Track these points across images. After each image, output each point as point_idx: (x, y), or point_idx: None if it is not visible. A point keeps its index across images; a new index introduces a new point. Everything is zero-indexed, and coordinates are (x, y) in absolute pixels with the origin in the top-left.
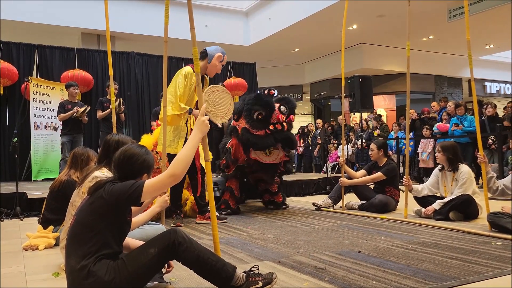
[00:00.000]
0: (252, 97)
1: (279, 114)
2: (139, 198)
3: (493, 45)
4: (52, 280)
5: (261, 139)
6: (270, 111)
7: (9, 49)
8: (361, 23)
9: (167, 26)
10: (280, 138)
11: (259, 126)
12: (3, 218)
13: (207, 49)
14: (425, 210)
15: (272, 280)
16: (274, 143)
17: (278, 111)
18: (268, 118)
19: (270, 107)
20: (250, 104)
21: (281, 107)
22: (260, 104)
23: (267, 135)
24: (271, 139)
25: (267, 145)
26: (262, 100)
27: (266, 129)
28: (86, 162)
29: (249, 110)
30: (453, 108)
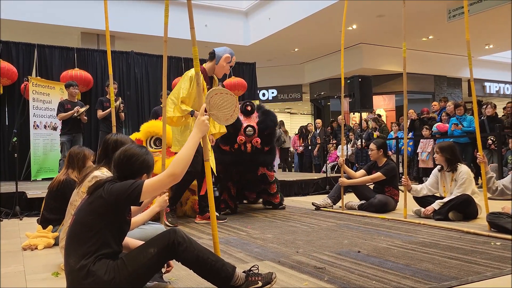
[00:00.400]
0: None
1: (243, 136)
2: (139, 197)
3: (493, 45)
4: (52, 280)
5: (222, 155)
6: (236, 131)
7: (8, 49)
8: (361, 23)
9: (166, 26)
10: (239, 159)
11: (225, 142)
12: (3, 218)
13: (215, 50)
14: (425, 210)
15: (271, 280)
16: (231, 162)
17: (243, 132)
18: (234, 136)
19: (236, 128)
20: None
21: (247, 128)
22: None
23: (229, 152)
24: (230, 158)
25: (224, 162)
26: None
27: (231, 147)
28: (82, 161)
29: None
30: (453, 108)
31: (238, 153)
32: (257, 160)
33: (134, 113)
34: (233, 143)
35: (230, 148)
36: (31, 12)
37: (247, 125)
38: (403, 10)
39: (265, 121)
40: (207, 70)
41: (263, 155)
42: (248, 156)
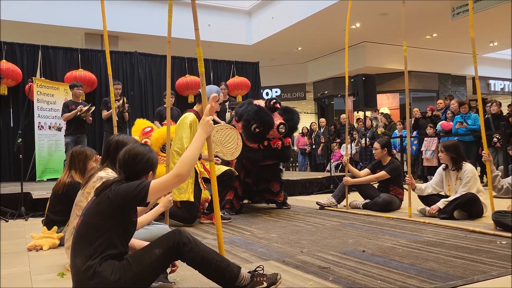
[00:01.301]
0: (253, 110)
1: (277, 133)
2: (145, 198)
3: (497, 42)
4: (57, 281)
5: (251, 153)
6: (268, 128)
7: (13, 50)
8: (364, 22)
9: (170, 26)
10: (271, 156)
11: (253, 139)
12: (8, 218)
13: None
14: (430, 209)
15: (276, 281)
16: (262, 159)
17: (276, 130)
18: (265, 133)
19: (269, 126)
20: (250, 116)
21: (280, 125)
22: (259, 120)
23: (259, 149)
24: (261, 155)
25: (255, 160)
26: (262, 117)
27: (260, 144)
28: (83, 161)
29: (248, 121)
30: (457, 107)
31: (269, 150)
32: (284, 155)
33: (138, 113)
34: (262, 140)
35: (259, 146)
36: (35, 13)
37: (280, 122)
38: (403, 10)
39: (293, 119)
40: (199, 112)
41: (287, 151)
42: (278, 153)
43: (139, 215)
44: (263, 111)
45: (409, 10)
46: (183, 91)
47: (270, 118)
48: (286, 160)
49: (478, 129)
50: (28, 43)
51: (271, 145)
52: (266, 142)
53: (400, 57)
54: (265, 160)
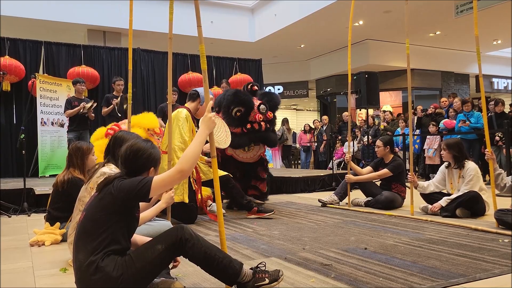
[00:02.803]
0: (231, 93)
1: (258, 113)
2: (148, 194)
3: (501, 40)
4: (60, 276)
5: (235, 138)
6: (248, 109)
7: (16, 46)
8: (367, 19)
9: (171, 23)
10: (256, 138)
11: (236, 124)
12: (11, 214)
13: (199, 92)
14: (432, 207)
15: (278, 277)
16: (248, 143)
17: (256, 109)
18: (246, 116)
19: (249, 105)
20: (228, 101)
21: (260, 105)
22: (238, 101)
23: (243, 133)
24: (245, 138)
25: (240, 145)
26: (241, 97)
27: (243, 127)
28: (81, 157)
29: (228, 107)
30: (460, 105)
31: (253, 132)
32: (270, 138)
33: (140, 110)
34: (245, 124)
35: (242, 129)
36: (38, 9)
37: (259, 103)
38: (406, 8)
39: (273, 99)
40: (191, 110)
41: (273, 134)
42: (263, 134)
43: (142, 211)
44: (241, 92)
45: (412, 8)
46: (186, 87)
47: (249, 98)
48: (272, 143)
49: (481, 127)
50: (31, 39)
51: (254, 127)
52: (249, 125)
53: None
54: (251, 142)
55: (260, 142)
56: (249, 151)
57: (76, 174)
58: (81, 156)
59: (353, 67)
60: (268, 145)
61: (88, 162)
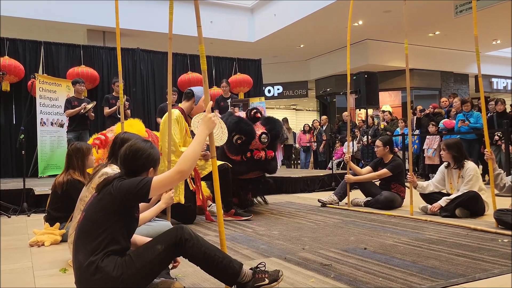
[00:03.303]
0: (233, 121)
1: (259, 143)
2: (147, 194)
3: (500, 40)
4: (60, 276)
5: (235, 166)
6: (250, 139)
7: (15, 46)
8: (367, 19)
9: (171, 23)
10: (255, 167)
11: (236, 151)
12: (11, 214)
13: (193, 90)
14: (431, 206)
15: (278, 278)
16: (246, 171)
17: (258, 140)
18: (247, 144)
19: (250, 135)
20: (230, 128)
21: (262, 135)
22: (240, 130)
23: (242, 161)
24: (244, 167)
25: (239, 173)
26: (242, 127)
27: (243, 155)
28: (81, 158)
29: (229, 133)
30: (459, 105)
31: (252, 162)
32: (268, 167)
33: (140, 110)
34: (245, 152)
35: (241, 157)
36: (38, 9)
37: (261, 132)
38: (405, 8)
39: (275, 128)
40: (185, 109)
41: (273, 162)
42: (262, 164)
43: (142, 211)
44: (244, 122)
45: (412, 8)
46: (185, 87)
47: (251, 128)
48: (271, 171)
49: (481, 127)
50: (30, 39)
51: (254, 156)
52: (249, 153)
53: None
54: (249, 172)
55: (259, 171)
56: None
57: (75, 176)
58: (81, 157)
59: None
60: (268, 173)
61: (88, 163)
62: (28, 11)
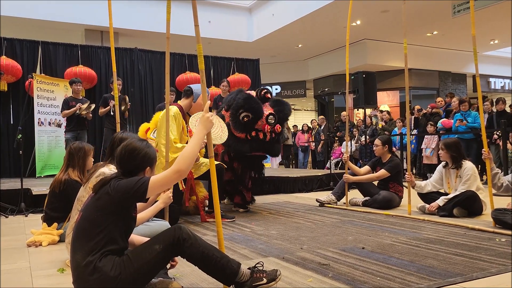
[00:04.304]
0: (242, 97)
1: (265, 124)
2: (145, 194)
3: (498, 40)
4: (57, 276)
5: (238, 143)
6: (257, 117)
7: (12, 46)
8: (365, 19)
9: (169, 23)
10: (259, 147)
11: (241, 129)
12: (8, 214)
13: (192, 88)
14: (429, 206)
15: (276, 277)
16: (249, 151)
17: (264, 120)
18: (253, 123)
19: (258, 113)
20: (238, 104)
21: (269, 116)
22: (248, 108)
23: (246, 140)
24: (247, 146)
25: (241, 151)
26: (252, 104)
27: (248, 134)
28: (83, 157)
29: (236, 109)
30: (457, 104)
31: (257, 141)
32: (273, 149)
33: (138, 109)
34: (250, 130)
35: (246, 136)
36: (35, 9)
37: (269, 113)
38: (403, 7)
39: (284, 110)
40: (184, 107)
41: (277, 145)
42: (266, 145)
43: (140, 211)
44: (253, 99)
45: (410, 8)
46: (183, 87)
47: (259, 107)
48: (274, 154)
49: (478, 127)
50: (28, 39)
51: (259, 136)
52: (254, 132)
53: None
54: (252, 152)
55: (262, 152)
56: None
57: (74, 176)
58: (83, 157)
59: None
60: (271, 156)
61: (88, 163)
62: (25, 10)
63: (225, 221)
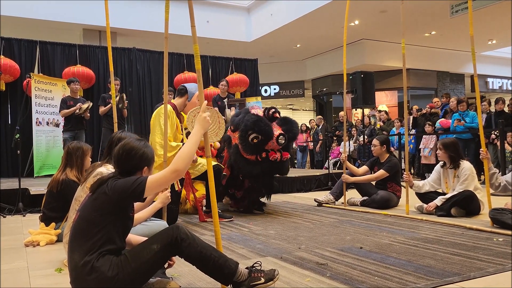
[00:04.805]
0: (252, 120)
1: (276, 144)
2: (142, 193)
3: (496, 40)
4: (55, 276)
5: (248, 165)
6: (267, 139)
7: (10, 45)
8: (363, 19)
9: (167, 22)
10: (269, 168)
11: (251, 150)
12: (6, 214)
13: (187, 87)
14: (427, 206)
15: (274, 277)
16: (260, 172)
17: (275, 141)
18: (263, 144)
19: (268, 136)
20: (248, 126)
21: (279, 136)
22: (259, 130)
23: (256, 162)
24: (258, 168)
25: (251, 174)
26: (261, 127)
27: (258, 155)
28: (81, 157)
29: (246, 131)
30: (455, 104)
31: (267, 162)
32: (283, 168)
33: (136, 109)
34: (260, 152)
35: (256, 157)
36: (33, 8)
37: (279, 133)
38: (401, 8)
39: (292, 130)
40: (178, 106)
41: (286, 164)
42: (277, 165)
43: (137, 211)
44: (262, 121)
45: (408, 8)
46: None
47: (269, 129)
48: (285, 173)
49: (476, 127)
50: (26, 38)
51: (269, 157)
52: (264, 154)
53: (398, 54)
54: (263, 173)
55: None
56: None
57: (71, 176)
58: (81, 156)
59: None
60: (281, 175)
61: (86, 163)
62: (23, 10)
63: (223, 221)
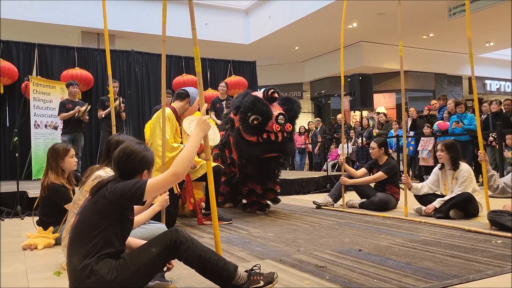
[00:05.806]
0: (249, 100)
1: (275, 124)
2: (142, 197)
3: (493, 42)
4: (54, 279)
5: (250, 147)
6: (266, 119)
7: (9, 48)
8: (361, 21)
9: (165, 25)
10: (271, 149)
11: (252, 132)
12: (4, 217)
13: (188, 91)
14: (426, 208)
15: (273, 280)
16: (262, 153)
17: (274, 120)
18: (263, 125)
19: (267, 116)
20: (246, 107)
21: (279, 116)
22: (257, 111)
23: (258, 143)
24: (259, 149)
25: (254, 155)
26: (259, 107)
27: (259, 136)
28: (55, 159)
29: (245, 113)
30: (453, 106)
31: (268, 143)
32: (286, 149)
33: (135, 112)
34: (261, 133)
35: (257, 138)
36: (32, 11)
37: (278, 113)
38: (399, 10)
39: (293, 108)
40: (178, 109)
41: (290, 144)
42: (279, 146)
43: (136, 214)
44: (260, 101)
45: (406, 10)
46: None
47: (267, 108)
48: (288, 153)
49: (474, 129)
50: (24, 41)
51: (270, 137)
52: (265, 134)
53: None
54: (265, 154)
55: (275, 153)
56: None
57: (53, 179)
58: (55, 157)
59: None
60: (285, 155)
61: (65, 165)
62: (22, 13)
63: (222, 223)
